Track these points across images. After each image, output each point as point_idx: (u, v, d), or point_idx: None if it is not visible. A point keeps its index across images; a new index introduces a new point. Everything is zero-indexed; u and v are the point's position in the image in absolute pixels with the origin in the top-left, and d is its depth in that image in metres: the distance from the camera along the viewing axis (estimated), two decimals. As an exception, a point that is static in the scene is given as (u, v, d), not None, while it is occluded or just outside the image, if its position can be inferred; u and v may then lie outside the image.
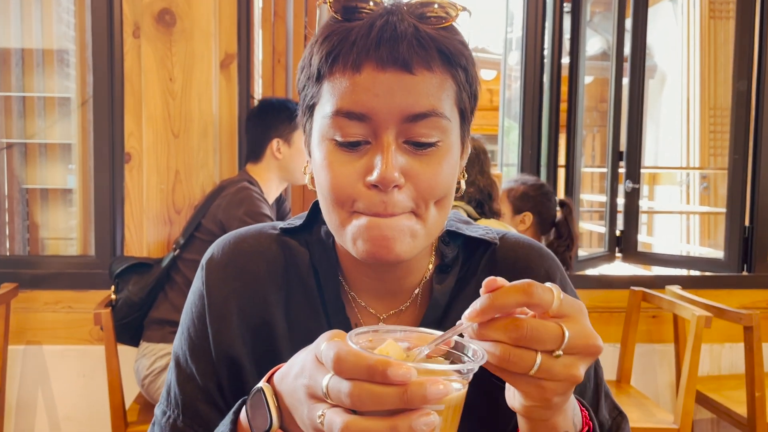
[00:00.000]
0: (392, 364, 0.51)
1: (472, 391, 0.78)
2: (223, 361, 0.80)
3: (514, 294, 0.56)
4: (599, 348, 0.58)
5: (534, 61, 2.90)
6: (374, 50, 0.68)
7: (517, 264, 0.84)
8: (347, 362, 0.52)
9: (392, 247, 0.70)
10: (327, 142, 0.71)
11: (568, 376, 0.57)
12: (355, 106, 0.69)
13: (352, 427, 0.52)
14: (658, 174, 6.11)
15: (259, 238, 0.84)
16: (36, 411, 2.60)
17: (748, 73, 2.84)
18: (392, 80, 0.68)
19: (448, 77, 0.71)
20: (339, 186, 0.70)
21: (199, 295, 0.82)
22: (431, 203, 0.72)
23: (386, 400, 0.51)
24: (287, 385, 0.61)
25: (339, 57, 0.69)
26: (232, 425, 0.67)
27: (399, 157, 0.69)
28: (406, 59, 0.68)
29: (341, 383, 0.52)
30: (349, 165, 0.70)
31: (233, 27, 2.52)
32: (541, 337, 0.55)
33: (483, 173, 2.15)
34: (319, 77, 0.72)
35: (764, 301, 2.89)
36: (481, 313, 0.56)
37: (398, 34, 0.68)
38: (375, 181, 0.68)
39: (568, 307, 0.58)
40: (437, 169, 0.71)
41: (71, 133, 3.06)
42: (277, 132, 2.29)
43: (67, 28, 2.97)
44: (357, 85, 0.68)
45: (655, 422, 2.26)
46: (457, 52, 0.71)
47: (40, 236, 3.22)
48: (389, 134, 0.69)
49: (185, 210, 2.50)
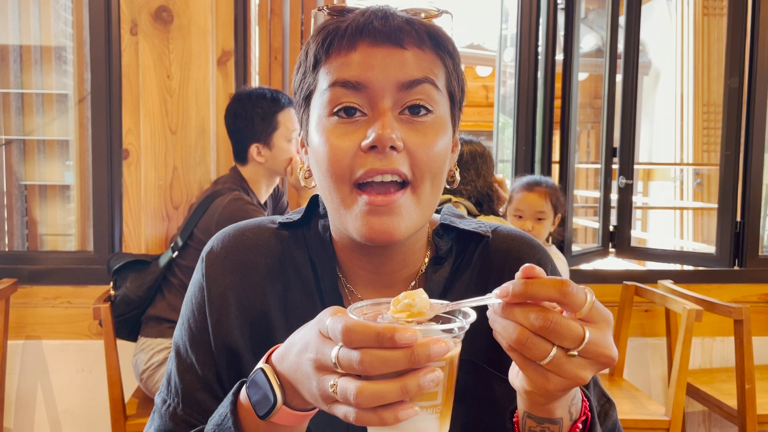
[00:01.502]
0: (398, 329, 0.55)
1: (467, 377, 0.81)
2: (222, 352, 0.82)
3: (549, 288, 0.58)
4: (613, 360, 0.60)
5: (528, 57, 2.91)
6: (368, 27, 0.73)
7: (509, 255, 0.87)
8: (356, 333, 0.56)
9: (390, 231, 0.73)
10: (325, 120, 0.75)
11: (575, 377, 0.60)
12: (351, 77, 0.73)
13: (365, 391, 0.56)
14: (653, 170, 6.14)
15: (258, 231, 0.87)
16: (35, 405, 2.62)
17: (740, 70, 2.86)
18: (386, 53, 0.73)
19: (437, 59, 0.76)
20: (337, 157, 0.73)
21: (199, 287, 0.85)
22: (426, 177, 0.75)
23: (396, 363, 0.55)
24: (290, 362, 0.64)
25: (334, 41, 0.74)
26: (232, 406, 0.69)
27: (395, 124, 0.73)
28: (399, 36, 0.73)
29: (351, 353, 0.56)
30: (346, 137, 0.73)
31: (230, 24, 2.54)
32: (562, 333, 0.58)
33: (480, 175, 2.17)
34: (315, 65, 0.75)
35: (755, 295, 2.93)
36: (513, 295, 0.59)
37: (389, 15, 0.74)
38: (372, 141, 0.71)
39: (596, 314, 0.60)
40: (432, 140, 0.74)
41: (69, 129, 3.07)
42: (254, 137, 2.23)
43: (65, 25, 2.98)
44: (352, 60, 0.73)
45: (647, 414, 2.29)
46: (444, 38, 0.76)
47: (39, 232, 3.23)
48: (385, 102, 0.73)
49: (183, 206, 2.52)
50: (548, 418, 0.68)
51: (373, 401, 0.56)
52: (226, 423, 0.69)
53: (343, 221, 0.77)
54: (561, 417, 0.68)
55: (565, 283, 0.58)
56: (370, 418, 0.57)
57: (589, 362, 0.60)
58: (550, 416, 0.67)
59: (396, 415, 0.56)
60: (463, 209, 2.08)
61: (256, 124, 2.22)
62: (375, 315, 0.62)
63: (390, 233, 0.73)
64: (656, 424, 2.24)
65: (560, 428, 0.69)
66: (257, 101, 2.23)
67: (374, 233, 0.73)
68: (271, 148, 2.25)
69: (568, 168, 2.98)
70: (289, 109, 2.26)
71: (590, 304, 0.59)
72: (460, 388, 0.69)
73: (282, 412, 0.65)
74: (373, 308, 0.63)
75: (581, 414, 0.71)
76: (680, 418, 2.23)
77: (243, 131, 2.24)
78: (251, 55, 2.63)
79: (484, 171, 2.20)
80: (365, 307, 0.63)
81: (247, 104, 2.23)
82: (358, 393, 0.56)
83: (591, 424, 0.72)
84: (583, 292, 0.59)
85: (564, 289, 0.58)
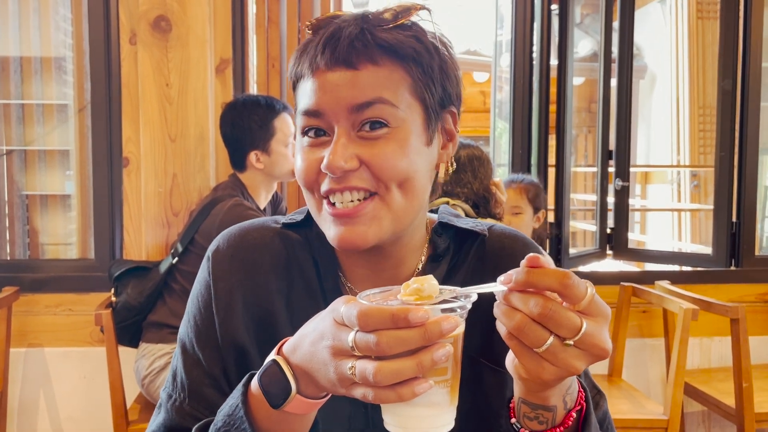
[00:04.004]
0: (411, 309, 0.59)
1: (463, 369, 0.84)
2: (229, 348, 0.84)
3: (551, 278, 0.61)
4: (606, 353, 0.63)
5: (523, 62, 2.94)
6: (320, 55, 0.77)
7: (504, 253, 0.89)
8: (371, 316, 0.60)
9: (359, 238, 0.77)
10: (299, 137, 0.81)
11: (569, 366, 0.62)
12: (310, 105, 0.78)
13: (384, 369, 0.59)
14: (651, 173, 6.16)
15: (263, 231, 0.89)
16: (38, 412, 2.63)
17: (733, 72, 2.89)
18: (338, 78, 0.76)
19: (397, 69, 0.77)
20: (306, 171, 0.79)
21: (205, 285, 0.87)
22: (392, 185, 0.77)
23: (411, 341, 0.59)
24: (303, 352, 0.67)
25: (302, 67, 0.79)
26: (243, 396, 0.72)
27: (352, 146, 0.76)
28: (347, 57, 0.76)
29: (368, 336, 0.60)
30: (312, 155, 0.79)
31: (228, 33, 2.57)
32: (560, 322, 0.61)
33: (476, 178, 2.19)
34: (294, 86, 0.82)
35: (752, 294, 2.94)
36: (515, 282, 0.61)
37: (341, 37, 0.76)
38: (324, 167, 0.76)
39: (595, 307, 0.62)
40: (391, 152, 0.76)
41: (69, 139, 3.10)
42: (252, 145, 2.25)
43: (65, 35, 3.01)
44: (312, 87, 0.78)
45: (645, 414, 2.31)
46: (403, 45, 0.77)
47: (40, 241, 3.26)
48: (340, 126, 0.77)
49: (183, 212, 2.54)
50: (542, 405, 0.70)
51: (391, 378, 0.59)
52: (237, 413, 0.71)
53: (320, 225, 0.82)
54: (555, 405, 0.70)
55: (566, 275, 0.61)
56: (388, 395, 0.60)
57: (583, 353, 0.62)
58: (545, 403, 0.70)
59: (413, 390, 0.60)
60: (461, 212, 2.10)
61: (254, 131, 2.25)
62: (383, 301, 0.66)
63: (355, 242, 0.77)
64: (655, 423, 2.26)
65: (554, 416, 0.71)
66: (253, 109, 2.25)
67: (342, 242, 0.78)
68: (270, 154, 2.27)
69: (565, 171, 3.00)
70: (284, 115, 2.29)
71: (590, 297, 0.61)
72: None
73: (295, 401, 0.68)
74: (381, 295, 0.67)
75: (576, 404, 0.73)
76: (678, 418, 2.25)
77: (241, 139, 2.26)
78: (249, 63, 2.66)
79: (481, 174, 2.22)
80: (373, 295, 0.67)
81: (243, 112, 2.25)
82: (377, 372, 0.59)
83: (586, 414, 0.74)
84: (584, 285, 0.62)
85: (565, 280, 0.60)
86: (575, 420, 0.73)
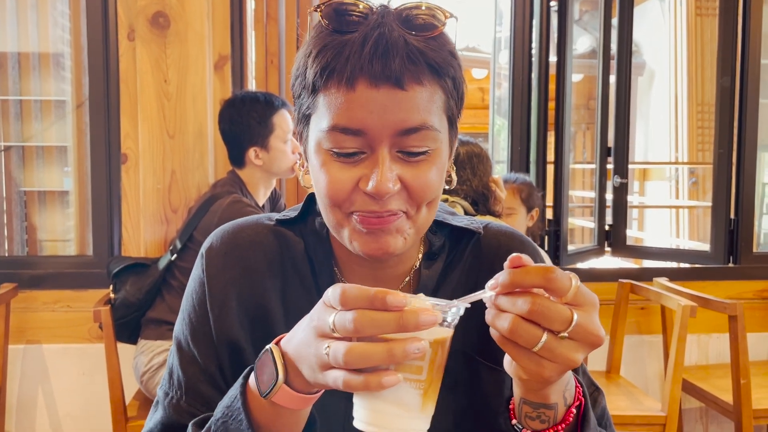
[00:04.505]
0: (390, 292, 0.59)
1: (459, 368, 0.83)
2: (224, 345, 0.84)
3: (534, 275, 0.61)
4: (601, 339, 0.63)
5: (522, 59, 2.94)
6: (368, 66, 0.70)
7: (500, 251, 0.89)
8: (351, 294, 0.60)
9: (386, 249, 0.77)
10: (324, 151, 0.76)
11: (567, 360, 0.62)
12: (350, 123, 0.72)
13: (355, 349, 0.59)
14: (649, 170, 6.16)
15: (257, 228, 0.89)
16: (36, 409, 2.63)
17: (732, 69, 2.89)
18: (385, 97, 0.71)
19: (437, 89, 0.75)
20: (336, 191, 0.75)
21: (199, 282, 0.87)
22: (423, 205, 0.77)
23: (385, 325, 0.59)
24: (296, 339, 0.67)
25: (334, 72, 0.72)
26: (242, 388, 0.72)
27: (393, 166, 0.74)
28: (398, 76, 0.71)
29: (346, 314, 0.60)
30: (346, 172, 0.75)
31: (226, 29, 2.56)
32: (551, 316, 0.61)
33: (475, 175, 2.19)
34: (314, 90, 0.75)
35: (750, 291, 2.95)
36: (501, 285, 0.62)
37: (389, 47, 0.71)
38: (371, 192, 0.73)
39: (582, 297, 0.62)
40: (429, 175, 0.76)
41: (67, 135, 3.10)
42: (251, 141, 2.25)
43: (63, 31, 3.00)
44: (352, 101, 0.71)
45: (643, 410, 2.31)
46: (445, 64, 0.75)
47: (38, 237, 3.25)
48: (383, 147, 0.73)
49: (181, 209, 2.54)
50: (544, 403, 0.70)
51: (361, 361, 0.59)
52: (235, 404, 0.71)
53: (340, 237, 0.80)
54: (556, 402, 0.70)
55: (549, 269, 0.61)
56: (356, 382, 0.60)
57: (579, 344, 0.62)
58: (546, 401, 0.70)
59: (380, 380, 0.59)
60: (460, 209, 2.09)
61: (253, 128, 2.24)
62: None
63: (385, 250, 0.77)
64: (653, 419, 2.27)
65: (555, 413, 0.71)
66: (251, 105, 2.25)
67: (370, 250, 0.77)
68: (269, 150, 2.27)
69: (563, 168, 3.00)
70: (282, 111, 2.29)
71: (575, 288, 0.62)
72: (451, 378, 0.71)
73: (284, 392, 0.67)
74: None
75: (575, 399, 0.73)
76: (676, 414, 2.25)
77: (240, 136, 2.26)
78: (248, 59, 2.65)
79: (480, 171, 2.23)
80: None
81: (242, 109, 2.25)
82: (347, 351, 0.59)
83: (585, 409, 0.74)
84: (568, 278, 0.62)
85: (548, 274, 0.61)
86: (575, 416, 0.73)
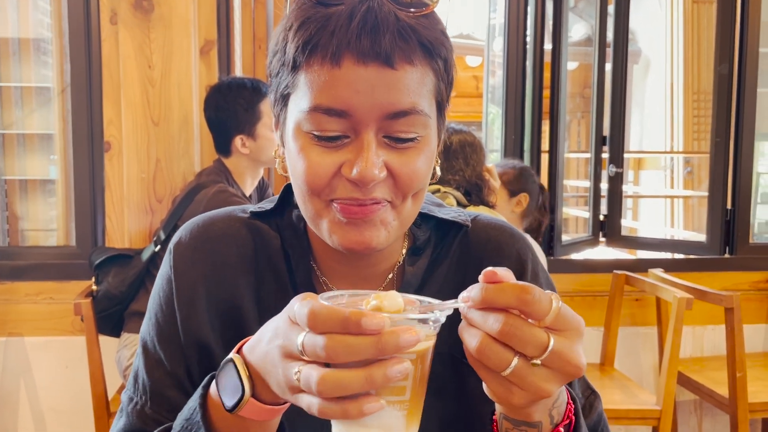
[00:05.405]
0: (365, 314, 0.52)
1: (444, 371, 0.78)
2: (192, 347, 0.79)
3: (509, 294, 0.54)
4: (580, 371, 0.57)
5: (516, 47, 2.89)
6: (355, 41, 0.65)
7: (489, 245, 0.84)
8: (321, 316, 0.53)
9: (367, 243, 0.71)
10: (303, 134, 0.70)
11: (538, 389, 0.56)
12: (334, 103, 0.66)
13: (328, 379, 0.53)
14: (644, 159, 6.13)
15: (229, 221, 0.83)
16: (19, 403, 2.58)
17: (730, 56, 2.84)
18: (373, 76, 0.65)
19: (428, 70, 0.69)
20: (316, 177, 0.69)
21: (166, 279, 0.81)
22: (408, 195, 0.72)
23: (361, 350, 0.52)
24: (260, 351, 0.61)
25: (317, 47, 0.66)
26: (201, 399, 0.67)
27: (379, 151, 0.68)
28: (388, 53, 0.65)
29: (316, 338, 0.53)
30: (327, 156, 0.69)
31: (212, 13, 2.49)
32: (524, 339, 0.54)
33: (468, 165, 2.14)
34: (294, 66, 0.69)
35: (746, 282, 2.92)
36: (472, 301, 0.55)
37: (379, 23, 0.65)
38: (355, 178, 0.68)
39: (563, 321, 0.56)
40: (416, 163, 0.70)
41: (52, 123, 3.03)
42: (238, 129, 2.18)
43: (43, 15, 2.93)
44: (336, 79, 0.65)
45: (638, 404, 2.28)
46: (438, 44, 0.69)
47: (21, 227, 3.19)
48: (369, 131, 0.67)
49: (166, 199, 2.48)
50: (525, 421, 0.64)
51: (336, 390, 0.53)
52: (194, 417, 0.66)
53: (318, 229, 0.74)
54: (540, 421, 0.64)
55: (525, 290, 0.54)
56: (333, 410, 0.54)
57: (553, 373, 0.56)
58: (527, 419, 0.64)
59: (360, 408, 0.53)
60: (452, 199, 2.05)
61: (239, 115, 2.18)
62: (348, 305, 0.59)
63: (367, 244, 0.71)
64: (647, 413, 2.23)
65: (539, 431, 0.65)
66: (238, 92, 2.18)
67: (350, 244, 0.71)
68: (256, 138, 2.21)
69: (558, 157, 2.96)
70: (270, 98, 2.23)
71: (555, 311, 0.55)
72: (437, 382, 0.66)
73: (251, 405, 0.62)
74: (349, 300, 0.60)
75: (564, 417, 0.66)
76: (671, 407, 2.22)
77: (226, 123, 2.20)
78: (234, 44, 2.58)
79: (473, 160, 2.17)
80: (338, 296, 0.60)
81: (228, 96, 2.19)
82: (321, 381, 0.53)
83: (575, 428, 0.68)
84: (548, 299, 0.55)
85: (524, 296, 0.54)
86: None
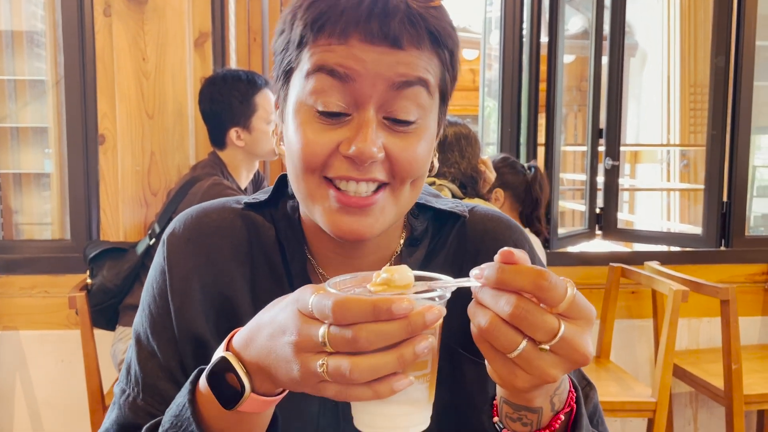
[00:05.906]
0: (393, 300, 0.53)
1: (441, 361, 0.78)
2: (186, 339, 0.79)
3: (525, 278, 0.54)
4: (587, 359, 0.57)
5: (513, 40, 2.89)
6: (364, 23, 0.66)
7: (486, 236, 0.84)
8: (350, 308, 0.53)
9: (361, 231, 0.71)
10: (304, 109, 0.70)
11: (544, 374, 0.56)
12: (338, 64, 0.67)
13: (361, 365, 0.53)
14: (640, 152, 6.13)
15: (223, 212, 0.83)
16: (15, 397, 2.57)
17: (726, 49, 2.84)
18: (380, 52, 0.66)
19: (434, 57, 0.70)
20: (312, 152, 0.69)
21: (160, 271, 0.81)
22: (407, 181, 0.72)
23: (393, 335, 0.53)
24: (259, 347, 0.60)
25: (326, 25, 0.67)
26: (190, 395, 0.66)
27: (379, 132, 0.68)
28: (397, 35, 0.66)
29: (344, 330, 0.53)
30: (325, 134, 0.69)
31: (207, 5, 2.47)
32: (534, 324, 0.54)
33: (464, 157, 2.13)
34: (300, 43, 0.69)
35: (742, 275, 2.92)
36: (487, 279, 0.55)
37: (390, 9, 0.66)
38: (353, 154, 0.67)
39: (576, 309, 0.56)
40: (416, 149, 0.70)
41: (46, 116, 3.01)
42: (233, 122, 2.17)
43: (36, 7, 2.90)
44: (342, 51, 0.66)
45: (633, 396, 2.28)
46: (446, 34, 0.70)
47: (15, 221, 3.17)
48: (371, 107, 0.68)
49: (161, 192, 2.46)
50: (526, 406, 0.64)
51: (370, 375, 0.53)
52: (184, 413, 0.65)
53: (311, 212, 0.74)
54: (540, 407, 0.64)
55: (541, 275, 0.54)
56: (364, 392, 0.54)
57: (560, 359, 0.56)
58: (529, 405, 0.64)
59: (391, 386, 0.54)
60: (447, 192, 2.04)
61: (234, 107, 2.17)
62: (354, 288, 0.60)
63: (361, 233, 0.71)
64: (643, 405, 2.24)
65: (539, 417, 0.65)
66: (233, 84, 2.17)
67: (344, 232, 0.71)
68: (251, 131, 2.19)
69: (554, 150, 2.95)
70: (265, 90, 2.21)
71: (570, 299, 0.55)
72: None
73: (249, 400, 0.62)
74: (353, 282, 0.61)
75: (566, 405, 0.66)
76: (667, 400, 2.23)
77: (221, 116, 2.19)
78: (229, 37, 2.57)
79: (468, 153, 2.17)
80: (343, 282, 0.61)
81: (223, 88, 2.17)
82: (354, 368, 0.53)
83: (576, 417, 0.68)
84: (564, 286, 0.55)
85: (540, 281, 0.54)
86: (563, 422, 0.67)
